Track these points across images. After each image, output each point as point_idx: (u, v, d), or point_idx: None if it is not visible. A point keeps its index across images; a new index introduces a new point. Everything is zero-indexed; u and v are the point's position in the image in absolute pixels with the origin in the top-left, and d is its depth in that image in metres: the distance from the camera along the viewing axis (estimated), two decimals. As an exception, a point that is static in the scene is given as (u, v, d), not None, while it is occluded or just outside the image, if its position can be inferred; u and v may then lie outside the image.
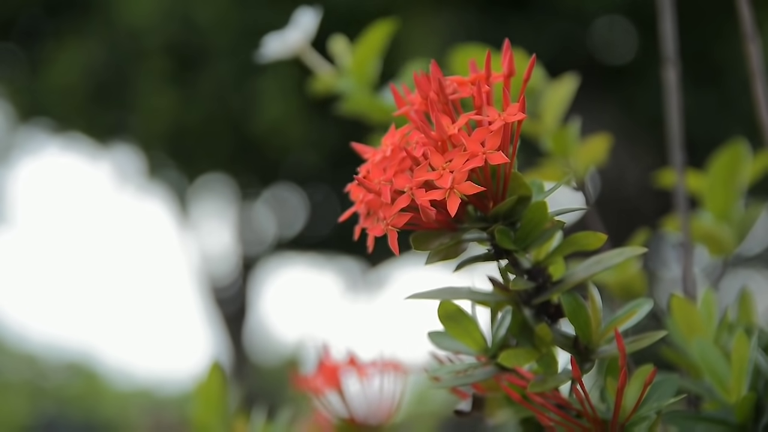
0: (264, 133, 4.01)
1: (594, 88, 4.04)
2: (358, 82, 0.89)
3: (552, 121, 0.85)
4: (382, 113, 0.89)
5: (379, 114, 0.89)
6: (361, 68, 0.89)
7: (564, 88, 0.85)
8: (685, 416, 0.63)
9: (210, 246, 6.21)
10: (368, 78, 0.89)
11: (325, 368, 0.83)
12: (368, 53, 0.89)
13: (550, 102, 0.85)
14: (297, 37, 0.88)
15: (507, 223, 0.55)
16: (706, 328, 0.68)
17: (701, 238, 0.84)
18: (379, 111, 0.89)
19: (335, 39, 0.90)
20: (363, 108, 0.89)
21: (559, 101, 0.85)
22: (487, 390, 0.62)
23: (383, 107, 0.88)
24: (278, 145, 4.12)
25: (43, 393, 7.83)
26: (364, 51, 0.89)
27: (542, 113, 0.85)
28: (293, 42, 0.88)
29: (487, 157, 0.51)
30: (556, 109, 0.85)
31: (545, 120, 0.85)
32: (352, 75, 0.89)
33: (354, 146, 0.58)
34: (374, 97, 0.89)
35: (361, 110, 0.90)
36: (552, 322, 0.58)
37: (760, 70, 0.78)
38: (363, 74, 0.89)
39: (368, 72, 0.89)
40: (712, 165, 0.85)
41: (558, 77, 0.86)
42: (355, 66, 0.89)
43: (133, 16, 4.02)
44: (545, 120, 0.85)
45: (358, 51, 0.89)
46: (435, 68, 0.55)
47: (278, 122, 3.90)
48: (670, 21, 0.85)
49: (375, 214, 0.54)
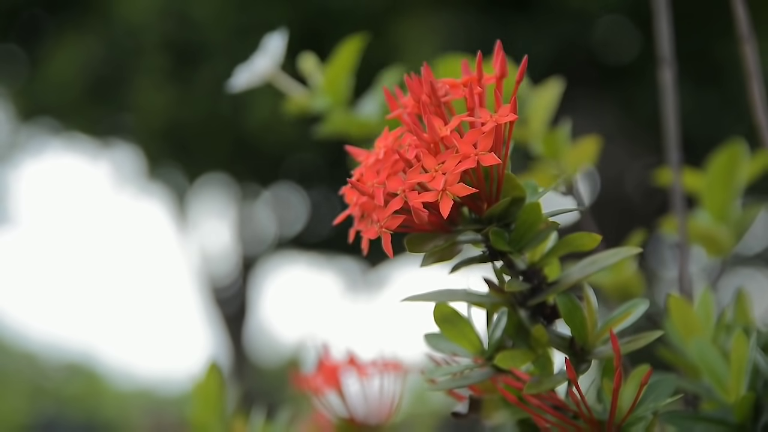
0: (258, 130, 4.01)
1: (594, 88, 4.04)
2: (333, 100, 0.88)
3: (539, 126, 0.85)
4: (361, 128, 0.88)
5: (357, 129, 0.88)
6: (335, 86, 0.88)
7: (549, 93, 0.85)
8: (684, 416, 0.63)
9: (210, 246, 6.21)
10: (342, 95, 0.88)
11: (325, 368, 0.83)
12: (341, 70, 0.88)
13: (536, 107, 0.85)
14: (265, 63, 0.88)
15: (501, 225, 0.55)
16: (704, 327, 0.68)
17: (699, 238, 0.84)
18: (358, 126, 0.88)
19: (304, 58, 0.89)
20: (341, 127, 0.88)
21: (545, 105, 0.85)
22: (484, 392, 0.62)
23: (361, 122, 0.88)
24: (274, 141, 4.11)
25: (43, 392, 7.83)
26: (336, 69, 0.88)
27: (529, 118, 0.85)
28: (262, 69, 0.88)
29: (479, 158, 0.51)
30: (544, 112, 0.85)
31: (532, 125, 0.85)
32: (325, 94, 0.88)
33: (347, 149, 0.58)
34: (350, 113, 0.88)
35: (340, 129, 0.89)
36: (548, 323, 0.58)
37: (756, 70, 0.78)
38: (337, 92, 0.88)
39: (342, 89, 0.88)
40: (710, 165, 0.85)
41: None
42: (327, 84, 0.88)
43: (131, 13, 4.03)
44: (532, 125, 0.85)
45: (329, 69, 0.88)
46: (427, 71, 0.55)
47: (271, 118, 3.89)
48: (665, 21, 0.85)
49: (369, 216, 0.54)
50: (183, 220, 6.04)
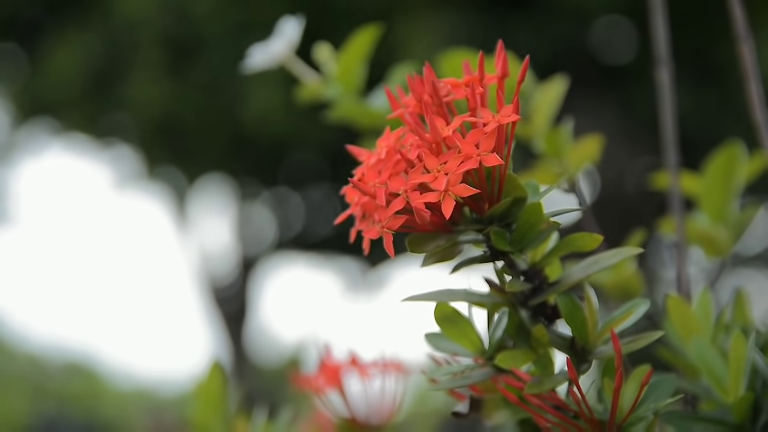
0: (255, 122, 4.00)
1: (594, 88, 4.04)
2: (345, 88, 0.88)
3: (543, 123, 0.85)
4: (371, 118, 0.88)
5: (368, 119, 0.88)
6: (348, 75, 0.88)
7: (554, 89, 0.85)
8: (682, 416, 0.64)
9: (210, 246, 6.21)
10: (355, 84, 0.89)
11: (327, 368, 0.83)
12: (354, 60, 0.88)
13: (540, 103, 0.85)
14: (281, 46, 0.88)
15: (503, 225, 0.55)
16: (703, 328, 0.69)
17: (697, 239, 0.84)
18: (368, 116, 0.88)
19: (320, 46, 0.90)
20: (351, 115, 0.88)
21: (549, 102, 0.85)
22: (485, 391, 0.62)
23: (372, 112, 0.88)
24: (272, 134, 4.10)
25: (44, 393, 7.82)
26: (349, 57, 0.88)
27: (533, 115, 0.85)
28: (277, 52, 0.88)
29: (481, 158, 0.51)
30: (547, 110, 0.85)
31: (536, 121, 0.85)
32: (338, 82, 0.88)
33: (349, 149, 0.58)
34: (362, 103, 0.89)
35: (350, 117, 0.89)
36: (549, 323, 0.58)
37: (754, 70, 0.78)
38: (349, 81, 0.88)
39: (355, 78, 0.88)
40: (709, 166, 0.85)
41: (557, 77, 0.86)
42: (341, 73, 0.88)
43: (130, 9, 4.03)
44: (536, 121, 0.85)
45: (343, 58, 0.88)
46: (429, 70, 0.55)
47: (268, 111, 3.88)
48: (662, 21, 0.85)
49: (370, 216, 0.54)
50: (183, 219, 6.04)
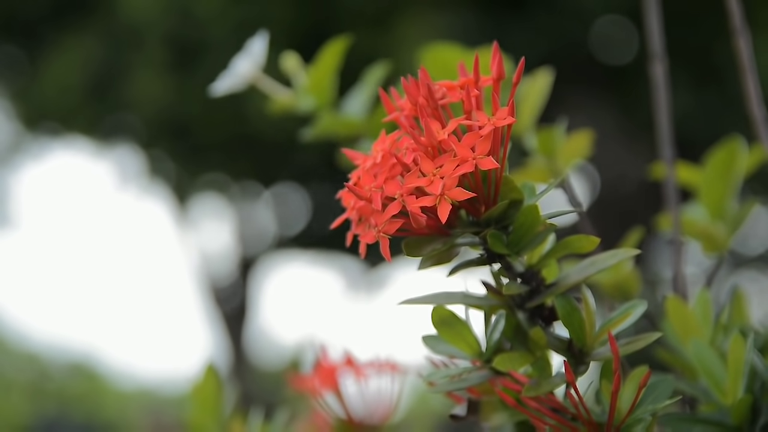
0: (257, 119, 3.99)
1: (594, 87, 4.04)
2: (318, 101, 0.88)
3: (529, 116, 0.85)
4: (347, 127, 0.87)
5: (344, 129, 0.88)
6: (319, 88, 0.88)
7: (539, 82, 0.84)
8: (681, 418, 0.63)
9: (210, 245, 6.21)
10: (327, 97, 0.88)
11: (323, 369, 0.83)
12: (325, 72, 0.88)
13: (525, 97, 0.84)
14: (247, 66, 0.88)
15: (499, 228, 0.54)
16: (702, 329, 0.68)
17: (695, 234, 0.84)
18: (344, 126, 0.88)
19: (286, 57, 0.89)
20: (328, 128, 0.88)
21: (535, 95, 0.84)
22: (482, 394, 0.62)
23: (346, 121, 0.87)
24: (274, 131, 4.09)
25: (45, 393, 7.83)
26: (321, 70, 0.88)
27: (519, 109, 0.84)
28: (244, 72, 0.88)
29: (477, 162, 0.51)
30: (533, 103, 0.84)
31: (522, 115, 0.85)
32: (310, 95, 0.88)
33: (344, 152, 0.58)
34: (336, 114, 0.88)
35: (328, 131, 0.88)
36: (546, 325, 0.58)
37: (751, 64, 0.78)
38: (321, 93, 0.88)
39: (326, 91, 0.88)
40: (708, 162, 0.84)
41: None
42: (312, 86, 0.88)
43: (134, 10, 4.02)
44: (522, 115, 0.85)
45: (314, 71, 0.88)
46: (424, 73, 0.55)
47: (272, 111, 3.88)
48: (656, 18, 0.85)
49: (366, 220, 0.54)
50: (183, 219, 6.04)
